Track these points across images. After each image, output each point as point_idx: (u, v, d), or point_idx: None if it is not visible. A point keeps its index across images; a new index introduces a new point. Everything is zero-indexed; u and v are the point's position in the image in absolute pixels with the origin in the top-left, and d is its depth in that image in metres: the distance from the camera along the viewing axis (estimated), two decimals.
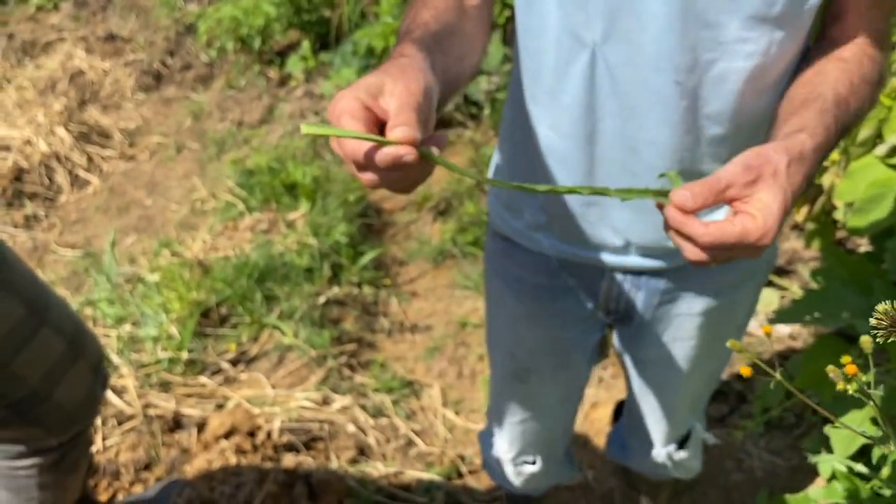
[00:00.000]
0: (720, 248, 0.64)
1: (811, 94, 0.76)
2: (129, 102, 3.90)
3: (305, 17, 3.87)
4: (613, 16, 0.80)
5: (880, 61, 0.81)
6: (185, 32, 4.39)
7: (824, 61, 0.80)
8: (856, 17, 0.81)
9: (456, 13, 0.85)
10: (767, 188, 0.64)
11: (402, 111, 0.62)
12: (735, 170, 0.66)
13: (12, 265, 1.09)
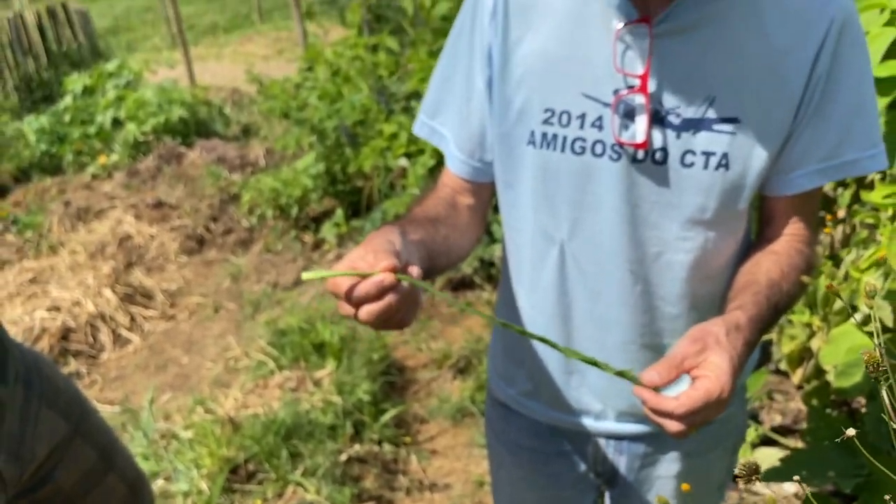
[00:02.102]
0: (693, 413, 0.76)
1: (748, 281, 0.92)
2: (173, 265, 4.18)
3: (340, 188, 4.19)
4: (576, 219, 0.98)
5: (808, 254, 0.98)
6: (228, 200, 4.74)
7: (760, 254, 0.97)
8: (783, 220, 0.98)
9: (446, 208, 1.05)
10: (714, 352, 0.79)
11: (377, 255, 0.78)
12: (685, 344, 0.80)
13: (89, 414, 1.23)
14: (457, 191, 1.09)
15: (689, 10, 0.87)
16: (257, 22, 15.61)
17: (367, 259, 0.78)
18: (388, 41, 4.77)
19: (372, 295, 0.75)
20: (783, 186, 0.95)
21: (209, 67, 10.96)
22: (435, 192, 1.09)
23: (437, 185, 1.10)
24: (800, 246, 0.97)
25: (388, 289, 0.75)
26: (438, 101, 1.08)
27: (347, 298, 0.77)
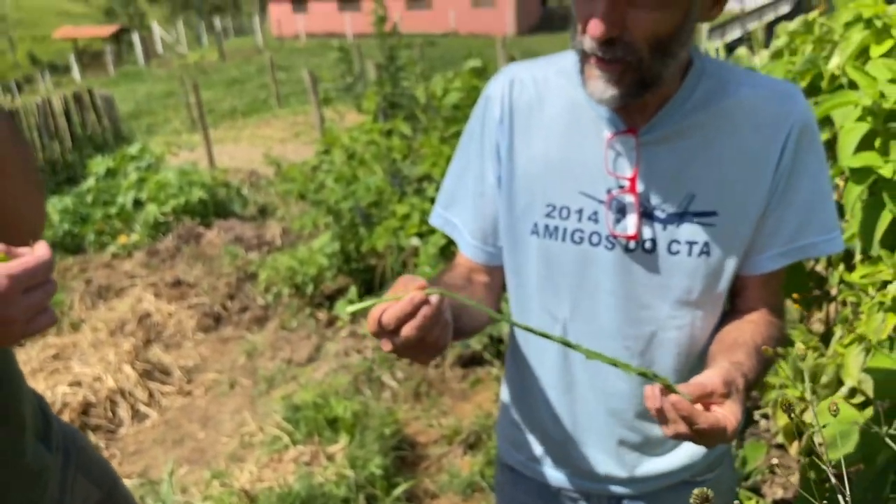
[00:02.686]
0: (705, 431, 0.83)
1: (738, 340, 1.01)
2: (190, 342, 4.28)
3: (353, 266, 4.33)
4: (576, 301, 1.10)
5: (779, 325, 1.08)
6: (245, 278, 4.88)
7: (739, 321, 1.08)
8: (754, 296, 1.09)
9: (463, 281, 1.17)
10: (734, 401, 0.87)
11: (406, 284, 0.84)
12: (717, 381, 0.88)
13: (118, 484, 1.31)
14: (472, 270, 1.21)
15: (669, 122, 1.01)
16: (275, 106, 16.15)
17: (396, 290, 0.85)
18: (401, 127, 5.00)
19: (406, 312, 0.80)
20: (751, 267, 1.07)
21: (227, 150, 11.32)
22: (453, 268, 1.21)
23: (454, 263, 1.23)
24: (769, 317, 1.08)
25: (419, 304, 0.81)
26: (452, 195, 1.21)
27: (384, 328, 0.82)
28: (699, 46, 8.80)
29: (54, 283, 0.82)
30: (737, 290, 1.10)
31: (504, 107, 1.11)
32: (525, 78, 1.11)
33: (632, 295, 1.06)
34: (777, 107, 1.00)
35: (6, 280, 0.75)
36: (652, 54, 0.91)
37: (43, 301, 0.80)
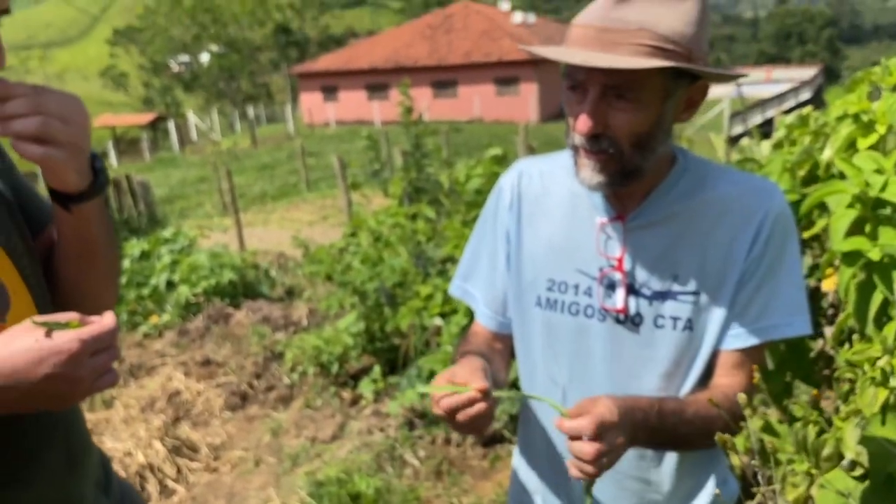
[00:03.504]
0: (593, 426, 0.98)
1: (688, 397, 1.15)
2: (217, 419, 4.37)
3: (378, 345, 4.44)
4: (573, 367, 1.23)
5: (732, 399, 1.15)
6: (271, 358, 5.00)
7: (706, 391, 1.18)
8: (721, 370, 1.19)
9: (487, 349, 1.32)
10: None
11: (472, 375, 1.04)
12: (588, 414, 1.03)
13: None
14: (489, 338, 1.35)
15: (654, 210, 1.16)
16: (304, 190, 16.62)
17: (464, 376, 1.05)
18: (426, 210, 5.19)
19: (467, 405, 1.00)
20: (721, 342, 1.17)
21: (257, 232, 11.63)
22: (474, 335, 1.36)
23: (473, 331, 1.37)
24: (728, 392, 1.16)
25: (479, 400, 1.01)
26: (470, 269, 1.38)
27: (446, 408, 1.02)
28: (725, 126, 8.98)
29: (118, 349, 0.94)
30: (712, 368, 1.21)
31: (514, 196, 1.27)
32: (533, 172, 1.27)
33: (623, 364, 1.18)
34: (751, 200, 1.13)
35: (78, 344, 0.88)
36: (632, 148, 1.06)
37: (107, 363, 0.92)
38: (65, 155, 0.96)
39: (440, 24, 35.92)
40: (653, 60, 0.99)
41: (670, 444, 1.15)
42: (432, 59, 33.64)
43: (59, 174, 0.99)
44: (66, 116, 0.96)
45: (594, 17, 1.03)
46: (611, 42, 1.01)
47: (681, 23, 1.02)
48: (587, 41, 1.03)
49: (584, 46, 1.03)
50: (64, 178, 0.99)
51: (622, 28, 1.01)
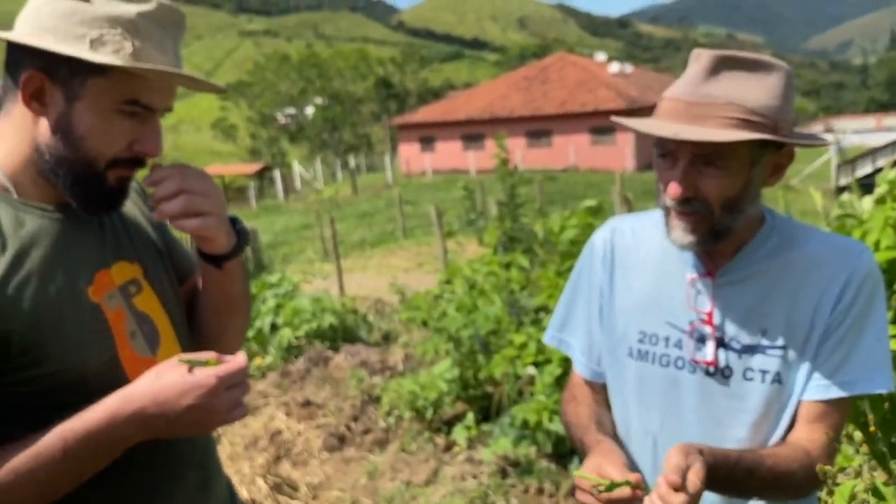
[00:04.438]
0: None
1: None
2: (316, 459, 4.52)
3: (471, 392, 4.50)
4: (665, 417, 1.28)
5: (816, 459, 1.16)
6: (368, 401, 5.13)
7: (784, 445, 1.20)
8: (804, 425, 1.20)
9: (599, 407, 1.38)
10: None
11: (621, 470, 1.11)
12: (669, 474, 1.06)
13: None
14: (592, 392, 1.42)
15: (743, 267, 1.21)
16: (401, 238, 17.01)
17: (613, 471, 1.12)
18: (519, 259, 5.26)
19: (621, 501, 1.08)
20: (804, 392, 1.20)
21: (356, 278, 11.96)
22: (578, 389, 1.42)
23: (573, 385, 1.43)
24: (812, 451, 1.17)
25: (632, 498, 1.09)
26: (565, 319, 1.45)
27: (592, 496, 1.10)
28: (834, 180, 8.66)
29: (248, 385, 1.07)
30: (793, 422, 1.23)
31: (606, 251, 1.35)
32: (625, 228, 1.35)
33: (712, 415, 1.22)
34: (839, 259, 1.17)
35: (215, 380, 1.00)
36: (722, 211, 1.12)
37: (239, 397, 1.05)
38: (214, 223, 1.12)
39: (536, 76, 36.37)
40: (740, 133, 1.06)
41: (739, 494, 1.18)
42: (527, 109, 34.01)
43: (211, 240, 1.15)
44: (206, 190, 1.11)
45: (683, 91, 1.11)
46: (699, 115, 1.08)
47: (767, 96, 1.09)
48: (677, 114, 1.10)
49: (674, 119, 1.10)
50: (215, 243, 1.16)
51: (710, 102, 1.08)
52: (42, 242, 1.05)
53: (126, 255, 1.17)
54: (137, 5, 1.02)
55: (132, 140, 1.05)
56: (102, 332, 1.08)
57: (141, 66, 1.00)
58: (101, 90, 1.01)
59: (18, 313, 0.99)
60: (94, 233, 1.13)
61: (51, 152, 1.03)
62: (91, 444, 0.97)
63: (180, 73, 1.04)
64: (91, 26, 1.00)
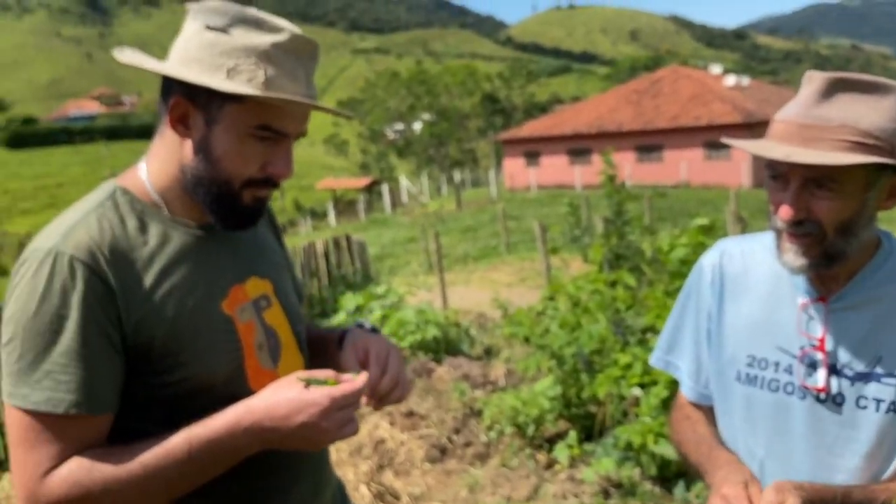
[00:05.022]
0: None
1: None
2: (418, 470, 4.59)
3: (573, 411, 4.46)
4: (772, 442, 1.25)
5: None
6: (470, 414, 5.17)
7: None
8: None
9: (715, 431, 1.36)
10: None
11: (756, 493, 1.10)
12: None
13: None
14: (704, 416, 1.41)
15: (857, 293, 1.18)
16: (504, 253, 17.02)
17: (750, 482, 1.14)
18: (625, 278, 5.18)
19: None
20: None
21: (458, 291, 12.06)
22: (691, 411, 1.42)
23: (680, 404, 1.44)
24: None
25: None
26: (672, 342, 1.45)
27: None
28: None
29: (360, 403, 1.11)
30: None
31: (715, 274, 1.33)
32: (734, 251, 1.33)
33: (823, 443, 1.18)
34: None
35: (329, 401, 1.06)
36: (835, 234, 1.10)
37: (349, 416, 1.09)
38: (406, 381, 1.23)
39: (647, 89, 35.67)
40: (854, 156, 1.03)
41: None
42: (637, 123, 33.38)
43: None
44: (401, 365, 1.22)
45: (796, 113, 1.10)
46: (812, 138, 1.06)
47: (883, 118, 1.06)
48: (789, 136, 1.09)
49: (786, 141, 1.09)
50: None
51: (823, 125, 1.06)
52: (186, 258, 1.14)
53: (258, 271, 1.26)
54: (272, 36, 1.10)
55: (264, 162, 1.13)
56: (232, 343, 1.16)
57: (269, 94, 1.08)
58: (236, 116, 1.10)
59: (161, 322, 1.08)
60: (231, 249, 1.22)
61: (192, 172, 1.13)
62: (213, 449, 1.05)
63: (305, 101, 1.11)
64: (229, 56, 1.08)
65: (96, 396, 1.03)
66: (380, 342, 1.24)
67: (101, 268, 1.04)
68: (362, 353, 1.22)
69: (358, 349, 1.23)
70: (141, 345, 1.07)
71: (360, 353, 1.22)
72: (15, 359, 1.01)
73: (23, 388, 1.01)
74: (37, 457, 1.01)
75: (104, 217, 1.10)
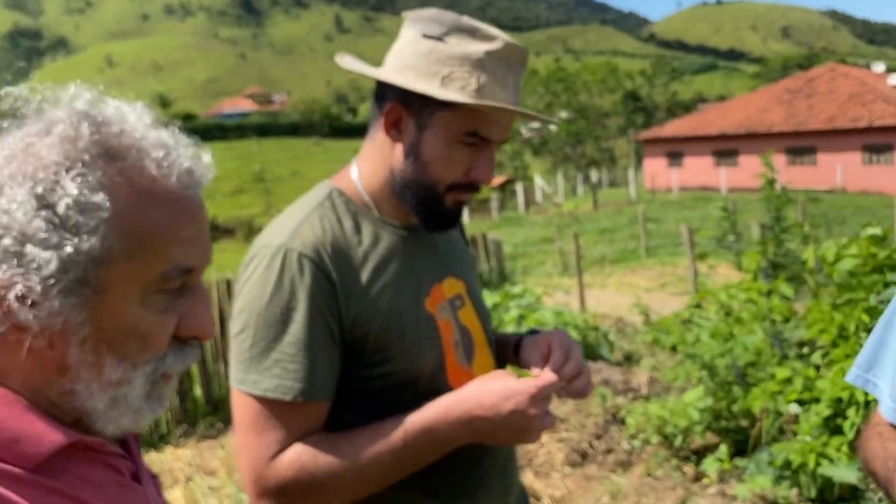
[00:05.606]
0: None
1: None
2: (558, 473, 4.57)
3: (723, 424, 4.29)
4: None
5: None
6: (612, 421, 5.09)
7: None
8: None
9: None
10: None
11: None
12: None
13: None
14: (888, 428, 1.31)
15: None
16: (643, 256, 16.59)
17: None
18: (783, 288, 4.92)
19: None
20: None
21: (594, 294, 11.87)
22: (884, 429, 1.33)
23: (874, 423, 1.35)
24: None
25: None
26: (873, 359, 1.35)
27: None
28: None
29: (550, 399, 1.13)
30: None
31: None
32: None
33: None
34: None
35: (535, 388, 1.08)
36: None
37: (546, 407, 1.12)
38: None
39: (801, 89, 33.64)
40: None
41: None
42: (789, 124, 31.56)
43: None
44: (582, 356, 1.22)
45: None
46: None
47: None
48: None
49: None
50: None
51: None
52: (394, 257, 1.20)
53: (454, 271, 1.31)
54: (486, 44, 1.13)
55: (469, 167, 1.17)
56: (434, 340, 1.21)
57: (482, 102, 1.11)
58: (447, 122, 1.14)
59: (375, 318, 1.14)
60: (431, 250, 1.28)
61: (401, 175, 1.18)
62: (426, 437, 1.10)
63: (516, 110, 1.14)
64: (444, 64, 1.13)
65: (319, 385, 1.10)
66: (561, 335, 1.26)
67: (325, 264, 1.11)
68: (545, 347, 1.24)
69: (540, 345, 1.25)
70: (357, 339, 1.13)
71: (542, 349, 1.24)
72: (247, 347, 1.10)
73: (253, 374, 1.09)
74: (265, 440, 1.08)
75: (324, 217, 1.17)
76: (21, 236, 0.63)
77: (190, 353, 0.74)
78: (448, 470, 1.20)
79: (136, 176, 0.68)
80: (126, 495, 0.74)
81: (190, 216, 0.71)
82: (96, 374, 0.68)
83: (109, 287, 0.67)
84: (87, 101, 0.70)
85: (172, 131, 0.73)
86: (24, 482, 0.64)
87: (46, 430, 0.66)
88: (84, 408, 0.69)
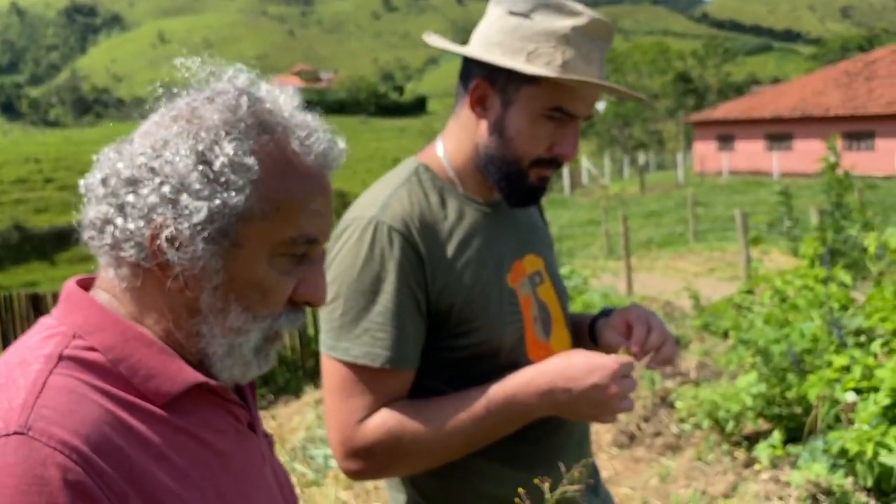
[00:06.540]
0: None
1: None
2: (605, 454, 4.58)
3: (776, 410, 4.24)
4: None
5: None
6: (660, 404, 5.07)
7: None
8: None
9: None
10: None
11: None
12: None
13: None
14: None
15: None
16: (691, 241, 16.36)
17: None
18: (841, 275, 4.82)
19: None
20: None
21: (641, 278, 11.77)
22: None
23: None
24: None
25: None
26: None
27: None
28: None
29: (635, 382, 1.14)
30: None
31: None
32: None
33: None
34: None
35: (617, 364, 1.10)
36: None
37: (629, 388, 1.13)
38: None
39: (860, 71, 32.60)
40: None
41: None
42: (846, 108, 30.64)
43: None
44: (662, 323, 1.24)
45: None
46: None
47: None
48: None
49: None
50: None
51: None
52: (478, 233, 1.22)
53: (533, 248, 1.33)
54: (572, 19, 1.14)
55: (552, 143, 1.18)
56: (516, 314, 1.24)
57: (568, 76, 1.12)
58: (532, 97, 1.15)
59: (460, 290, 1.17)
60: (512, 226, 1.30)
61: (486, 151, 1.20)
62: (508, 406, 1.12)
63: (602, 84, 1.14)
64: (529, 40, 1.14)
65: (406, 354, 1.13)
66: (637, 309, 1.27)
67: (413, 237, 1.14)
68: (622, 326, 1.25)
69: (617, 325, 1.26)
70: (442, 311, 1.16)
71: (620, 328, 1.25)
72: (337, 316, 1.13)
73: (344, 342, 1.13)
74: (354, 405, 1.12)
75: (412, 191, 1.20)
76: (179, 185, 0.70)
77: (300, 317, 0.79)
78: (527, 440, 1.22)
79: (281, 149, 0.75)
80: (243, 442, 0.79)
81: (320, 192, 0.77)
82: (221, 320, 0.74)
83: (245, 242, 0.73)
84: (245, 80, 0.78)
85: (315, 115, 0.80)
86: (156, 418, 0.70)
87: (180, 369, 0.72)
88: (206, 351, 0.75)
